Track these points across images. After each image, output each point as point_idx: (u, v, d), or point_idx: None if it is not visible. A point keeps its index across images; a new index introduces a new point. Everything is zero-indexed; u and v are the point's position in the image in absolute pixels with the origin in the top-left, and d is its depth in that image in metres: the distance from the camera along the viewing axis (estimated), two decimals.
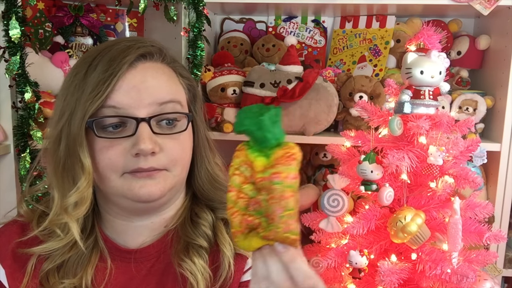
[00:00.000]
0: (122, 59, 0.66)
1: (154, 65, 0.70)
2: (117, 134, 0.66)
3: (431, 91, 1.13)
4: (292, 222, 0.52)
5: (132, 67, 0.67)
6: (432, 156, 1.07)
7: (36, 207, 0.77)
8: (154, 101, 0.67)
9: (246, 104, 1.55)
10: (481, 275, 1.15)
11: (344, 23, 1.79)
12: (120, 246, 0.75)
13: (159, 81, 0.69)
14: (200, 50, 1.52)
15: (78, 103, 0.65)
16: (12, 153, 1.24)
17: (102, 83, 0.64)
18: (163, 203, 0.73)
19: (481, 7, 1.45)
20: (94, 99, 0.64)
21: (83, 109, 0.65)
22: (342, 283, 1.26)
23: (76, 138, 0.65)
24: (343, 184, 1.25)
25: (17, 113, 1.23)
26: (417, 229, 1.07)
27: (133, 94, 0.66)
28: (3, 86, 1.20)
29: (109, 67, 0.65)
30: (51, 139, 0.70)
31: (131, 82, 0.66)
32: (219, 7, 1.76)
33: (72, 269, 0.71)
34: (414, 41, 1.19)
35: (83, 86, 0.66)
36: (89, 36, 1.62)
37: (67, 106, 0.67)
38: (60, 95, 0.70)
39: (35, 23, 1.53)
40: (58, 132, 0.68)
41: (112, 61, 0.66)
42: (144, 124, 0.65)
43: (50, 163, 0.70)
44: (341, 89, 1.58)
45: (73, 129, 0.65)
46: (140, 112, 0.66)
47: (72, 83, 0.68)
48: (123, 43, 0.69)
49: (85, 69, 0.67)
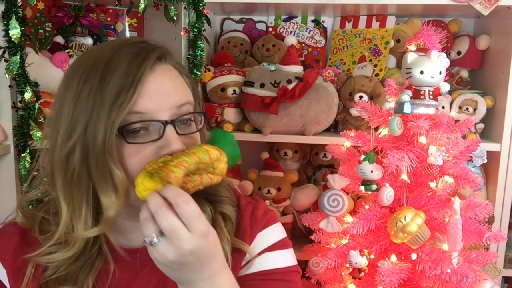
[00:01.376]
0: (142, 62, 0.65)
1: (167, 67, 0.71)
2: (144, 138, 0.66)
3: (431, 91, 1.13)
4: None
5: (151, 70, 0.67)
6: (432, 156, 1.07)
7: (35, 214, 0.77)
8: (174, 104, 0.68)
9: (246, 104, 1.55)
10: (481, 275, 1.15)
11: (344, 23, 1.79)
12: (124, 247, 0.75)
13: (175, 83, 0.70)
14: (200, 50, 1.52)
15: (100, 112, 0.63)
16: (12, 153, 1.23)
17: (126, 90, 0.63)
18: None
19: (481, 7, 1.45)
20: (121, 107, 0.63)
21: (109, 118, 0.63)
22: (342, 283, 1.26)
23: (105, 149, 0.63)
24: (343, 184, 1.25)
25: (17, 113, 1.22)
26: (417, 229, 1.07)
27: (156, 98, 0.66)
28: (3, 86, 1.20)
29: (129, 72, 0.64)
30: (59, 151, 0.67)
31: (153, 86, 0.66)
32: (219, 7, 1.76)
33: (73, 277, 0.72)
34: (414, 41, 1.19)
35: (101, 94, 0.64)
36: (89, 36, 1.62)
37: (81, 115, 0.64)
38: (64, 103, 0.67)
39: (35, 23, 1.53)
40: (72, 144, 0.65)
41: (130, 65, 0.65)
42: (171, 126, 0.67)
43: (58, 176, 0.67)
44: (341, 89, 1.58)
45: (98, 140, 0.63)
46: (163, 115, 0.67)
47: (82, 90, 0.65)
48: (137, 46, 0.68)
49: (98, 76, 0.65)
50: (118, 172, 0.64)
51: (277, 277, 0.77)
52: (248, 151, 1.78)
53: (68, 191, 0.67)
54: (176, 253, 0.58)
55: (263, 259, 0.78)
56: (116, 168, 0.64)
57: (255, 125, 1.59)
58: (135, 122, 0.65)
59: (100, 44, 0.73)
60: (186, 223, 0.58)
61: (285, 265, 0.79)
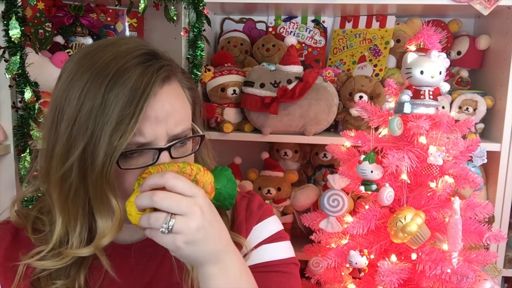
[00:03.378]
0: (145, 88, 0.63)
1: (170, 88, 0.68)
2: (137, 160, 0.66)
3: (431, 91, 1.13)
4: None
5: (154, 95, 0.64)
6: (432, 156, 1.07)
7: (29, 213, 0.76)
8: (171, 131, 0.67)
9: (246, 104, 1.55)
10: (481, 275, 1.15)
11: (344, 23, 1.79)
12: (116, 242, 0.74)
13: (175, 107, 0.68)
14: (200, 50, 1.53)
15: (100, 136, 0.61)
16: (12, 153, 1.24)
17: (128, 120, 0.61)
18: None
19: (481, 7, 1.45)
20: (122, 138, 0.61)
21: (109, 145, 0.61)
22: (342, 283, 1.26)
23: (103, 177, 0.62)
24: (343, 184, 1.25)
25: (17, 113, 1.23)
26: (417, 229, 1.07)
27: (154, 125, 0.65)
28: (3, 86, 1.20)
29: (132, 100, 0.62)
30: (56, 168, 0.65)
31: (153, 113, 0.64)
32: (219, 7, 1.76)
33: (65, 272, 0.72)
34: (414, 41, 1.19)
35: (103, 117, 0.61)
36: (89, 36, 1.62)
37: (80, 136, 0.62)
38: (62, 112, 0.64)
39: (35, 23, 1.53)
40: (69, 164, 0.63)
41: (135, 91, 0.62)
42: (165, 152, 0.66)
43: (54, 190, 0.67)
44: (341, 89, 1.58)
45: (97, 166, 0.62)
46: (160, 141, 0.66)
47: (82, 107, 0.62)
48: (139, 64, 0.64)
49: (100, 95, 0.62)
50: (114, 201, 0.64)
51: (275, 269, 0.78)
52: (248, 151, 1.78)
53: (64, 204, 0.67)
54: (195, 218, 0.58)
55: (260, 251, 0.78)
56: (113, 197, 0.64)
57: (255, 125, 1.59)
58: (134, 150, 0.64)
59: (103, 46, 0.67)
60: (183, 192, 0.59)
61: (282, 257, 0.79)
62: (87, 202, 0.66)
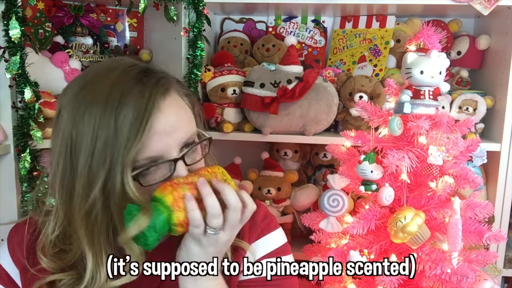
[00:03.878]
0: (148, 101, 0.65)
1: (171, 99, 0.70)
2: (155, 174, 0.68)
3: (431, 91, 1.13)
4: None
5: (158, 111, 0.66)
6: (432, 156, 1.07)
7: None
8: (181, 140, 0.69)
9: (246, 104, 1.55)
10: (481, 275, 1.15)
11: (344, 23, 1.79)
12: None
13: (180, 117, 0.70)
14: (200, 50, 1.53)
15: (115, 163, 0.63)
16: (12, 153, 1.23)
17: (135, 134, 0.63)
18: None
19: (481, 7, 1.45)
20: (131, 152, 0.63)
21: (123, 169, 0.63)
22: (342, 283, 1.26)
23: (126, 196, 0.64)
24: (343, 184, 1.25)
25: (17, 113, 1.22)
26: (417, 229, 1.07)
27: (164, 139, 0.66)
28: (3, 86, 1.20)
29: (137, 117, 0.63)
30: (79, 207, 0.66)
31: (160, 127, 0.66)
32: (219, 7, 1.76)
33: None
34: (414, 41, 1.19)
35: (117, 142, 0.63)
36: (89, 36, 1.62)
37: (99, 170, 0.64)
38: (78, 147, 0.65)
39: (35, 23, 1.53)
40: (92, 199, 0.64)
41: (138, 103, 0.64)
42: (181, 162, 0.69)
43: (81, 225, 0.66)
44: (341, 89, 1.58)
45: (118, 188, 0.63)
46: (173, 153, 0.68)
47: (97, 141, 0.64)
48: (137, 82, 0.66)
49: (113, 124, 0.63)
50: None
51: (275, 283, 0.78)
52: (248, 151, 1.78)
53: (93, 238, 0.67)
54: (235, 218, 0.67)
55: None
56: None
57: (255, 125, 1.59)
58: (149, 167, 0.66)
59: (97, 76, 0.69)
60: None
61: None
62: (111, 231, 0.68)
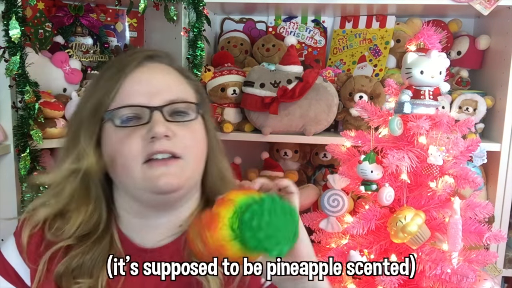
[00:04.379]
0: (131, 59, 0.73)
1: (161, 65, 0.76)
2: (134, 124, 0.71)
3: (431, 91, 1.13)
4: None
5: (140, 66, 0.73)
6: (432, 156, 1.07)
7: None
8: (164, 98, 0.71)
9: (246, 104, 1.55)
10: (481, 275, 1.15)
11: (344, 23, 1.79)
12: (135, 245, 0.75)
13: (168, 78, 0.75)
14: (200, 50, 1.53)
15: (89, 98, 0.73)
16: (12, 153, 1.23)
17: (113, 81, 0.71)
18: (179, 198, 0.74)
19: (481, 7, 1.45)
20: (106, 94, 0.71)
21: (96, 102, 0.71)
22: (342, 283, 1.26)
23: (85, 125, 0.72)
24: (343, 184, 1.25)
25: (17, 113, 1.22)
26: (417, 229, 1.07)
27: (144, 89, 0.71)
28: (3, 86, 1.20)
29: (119, 68, 0.73)
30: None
31: (141, 78, 0.72)
32: (219, 7, 1.76)
33: (88, 270, 0.72)
34: (414, 41, 1.19)
35: (96, 86, 0.74)
36: (89, 36, 1.62)
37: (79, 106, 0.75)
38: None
39: (35, 23, 1.53)
40: (70, 124, 0.77)
41: (121, 61, 0.74)
42: (157, 111, 0.70)
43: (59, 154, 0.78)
44: (341, 89, 1.58)
45: (81, 117, 0.73)
46: (153, 103, 0.70)
47: (85, 90, 0.80)
48: (133, 50, 0.78)
49: (99, 75, 0.76)
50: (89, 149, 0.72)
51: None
52: (248, 151, 1.78)
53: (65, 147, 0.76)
54: None
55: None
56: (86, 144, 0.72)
57: (255, 125, 1.59)
58: (124, 107, 0.70)
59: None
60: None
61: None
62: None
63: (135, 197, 0.74)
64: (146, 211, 0.75)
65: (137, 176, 0.69)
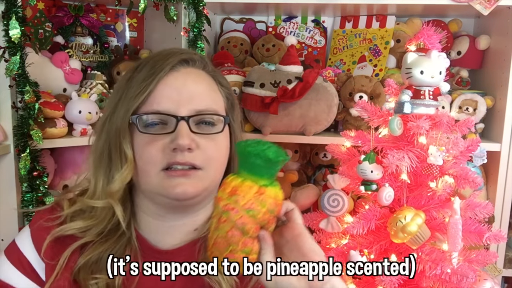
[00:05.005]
0: (165, 61, 0.72)
1: (195, 71, 0.75)
2: (158, 130, 0.71)
3: (431, 91, 1.13)
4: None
5: (174, 70, 0.72)
6: (432, 156, 1.07)
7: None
8: (194, 108, 0.71)
9: (246, 104, 1.55)
10: (481, 275, 1.15)
11: (344, 23, 1.79)
12: (152, 245, 0.76)
13: (200, 87, 0.73)
14: (200, 50, 1.53)
15: (121, 101, 0.72)
16: (12, 153, 1.23)
17: (145, 84, 0.70)
18: (197, 203, 0.75)
19: (481, 7, 1.45)
20: (136, 97, 0.70)
21: (127, 106, 0.71)
22: None
23: (120, 131, 0.71)
24: (343, 184, 1.25)
25: (17, 113, 1.22)
26: (417, 229, 1.07)
27: (174, 96, 0.70)
28: (3, 86, 1.20)
29: (152, 69, 0.71)
30: (94, 133, 0.78)
31: (173, 85, 0.71)
32: (219, 7, 1.76)
33: (105, 266, 0.71)
34: (414, 41, 1.19)
35: (128, 86, 0.72)
36: (89, 36, 1.62)
37: (110, 104, 0.74)
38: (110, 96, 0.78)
39: (35, 23, 1.53)
40: (100, 127, 0.75)
41: (156, 63, 0.72)
42: (183, 122, 0.69)
43: (90, 154, 0.76)
44: (341, 89, 1.58)
45: (116, 124, 0.71)
46: (180, 112, 0.70)
47: (118, 84, 0.75)
48: (168, 50, 0.75)
49: (132, 72, 0.74)
50: (128, 152, 0.71)
51: None
52: None
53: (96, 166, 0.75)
54: None
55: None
56: (127, 149, 0.71)
57: (255, 125, 1.59)
58: (151, 113, 0.70)
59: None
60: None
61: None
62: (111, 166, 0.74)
63: (152, 199, 0.74)
64: (163, 213, 0.76)
65: (154, 181, 0.70)
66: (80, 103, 1.35)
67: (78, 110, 1.34)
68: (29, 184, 1.22)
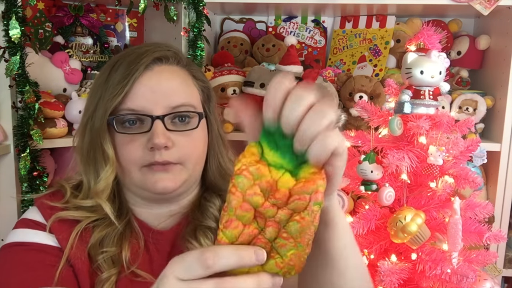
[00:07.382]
0: (139, 61, 0.73)
1: (169, 68, 0.76)
2: (134, 130, 0.73)
3: (431, 91, 1.13)
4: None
5: (148, 70, 0.74)
6: (432, 156, 1.07)
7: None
8: (168, 105, 0.73)
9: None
10: (481, 275, 1.15)
11: (344, 23, 1.79)
12: (147, 225, 0.80)
13: (173, 83, 0.75)
14: (200, 50, 1.52)
15: (100, 102, 0.73)
16: (12, 153, 1.23)
17: (121, 85, 0.72)
18: (179, 194, 0.80)
19: (481, 7, 1.45)
20: (113, 99, 0.72)
21: (104, 107, 0.72)
22: None
23: (100, 132, 0.73)
24: (343, 184, 1.25)
25: (17, 113, 1.22)
26: (417, 229, 1.07)
27: (148, 96, 0.72)
28: (3, 86, 1.20)
29: (128, 70, 0.72)
30: (77, 133, 0.79)
31: (148, 84, 0.73)
32: (219, 7, 1.76)
33: (112, 241, 0.75)
34: (414, 41, 1.19)
35: (105, 86, 0.73)
36: (89, 36, 1.61)
37: (90, 104, 0.76)
38: (88, 95, 0.79)
39: (35, 23, 1.53)
40: (82, 127, 0.77)
41: (131, 63, 0.73)
42: (158, 121, 0.72)
43: (77, 154, 0.78)
44: (341, 89, 1.58)
45: (96, 125, 0.73)
46: (155, 111, 0.72)
47: (95, 83, 0.77)
48: (143, 48, 0.76)
49: (108, 71, 0.75)
50: (109, 152, 0.73)
51: None
52: None
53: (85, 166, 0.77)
54: None
55: None
56: (108, 148, 0.73)
57: None
58: (127, 114, 0.72)
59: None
60: None
61: None
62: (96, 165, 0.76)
63: (137, 193, 0.78)
64: (149, 203, 0.80)
65: (137, 177, 0.74)
66: (80, 103, 1.35)
67: (78, 110, 1.34)
68: (29, 184, 1.22)
